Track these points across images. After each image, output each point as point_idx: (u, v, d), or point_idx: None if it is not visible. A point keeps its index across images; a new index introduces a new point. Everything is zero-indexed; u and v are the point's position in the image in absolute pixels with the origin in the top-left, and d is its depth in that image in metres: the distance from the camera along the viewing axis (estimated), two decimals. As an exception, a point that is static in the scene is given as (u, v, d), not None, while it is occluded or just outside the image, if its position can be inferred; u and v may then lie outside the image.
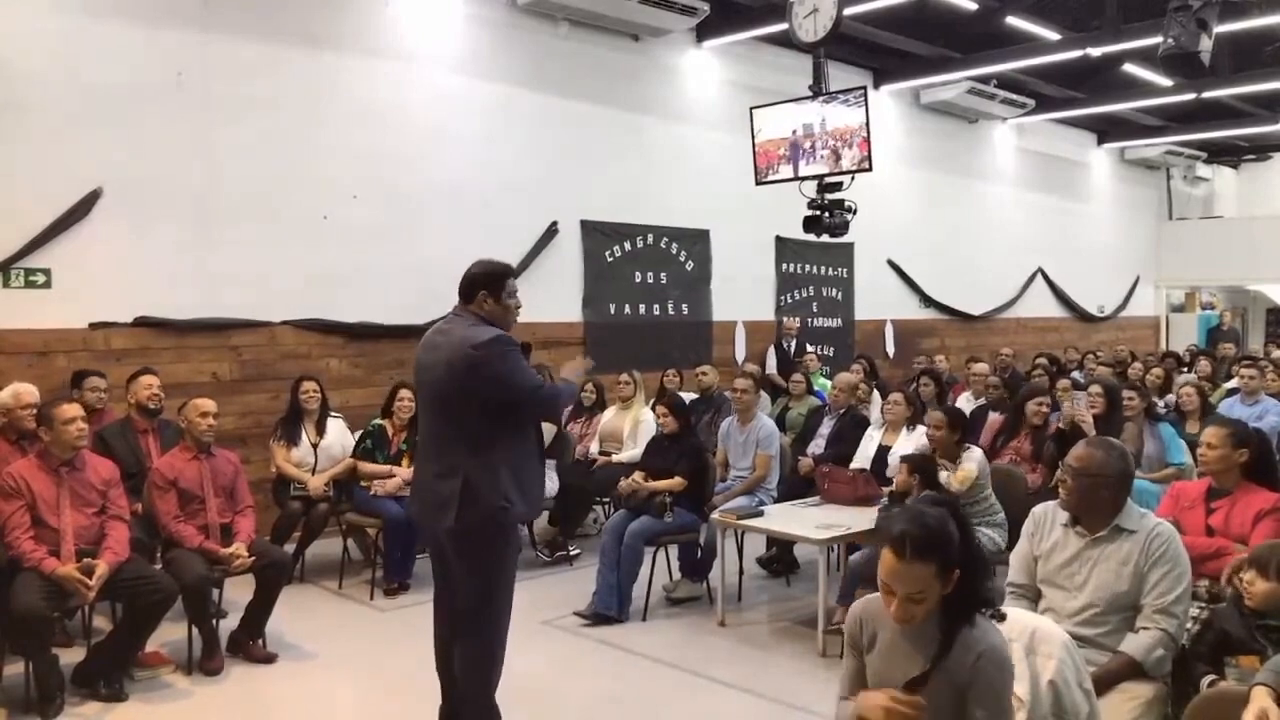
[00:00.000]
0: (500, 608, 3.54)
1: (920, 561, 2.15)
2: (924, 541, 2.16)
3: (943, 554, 2.17)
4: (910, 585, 2.17)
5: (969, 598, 2.22)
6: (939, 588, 2.17)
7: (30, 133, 5.89)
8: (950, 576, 2.18)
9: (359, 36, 7.30)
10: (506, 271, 3.56)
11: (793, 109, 7.17)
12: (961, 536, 2.22)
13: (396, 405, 5.97)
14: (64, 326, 6.08)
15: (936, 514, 2.23)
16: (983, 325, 12.93)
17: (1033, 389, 6.30)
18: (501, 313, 3.51)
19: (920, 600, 2.17)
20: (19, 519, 4.11)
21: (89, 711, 4.08)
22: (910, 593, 2.17)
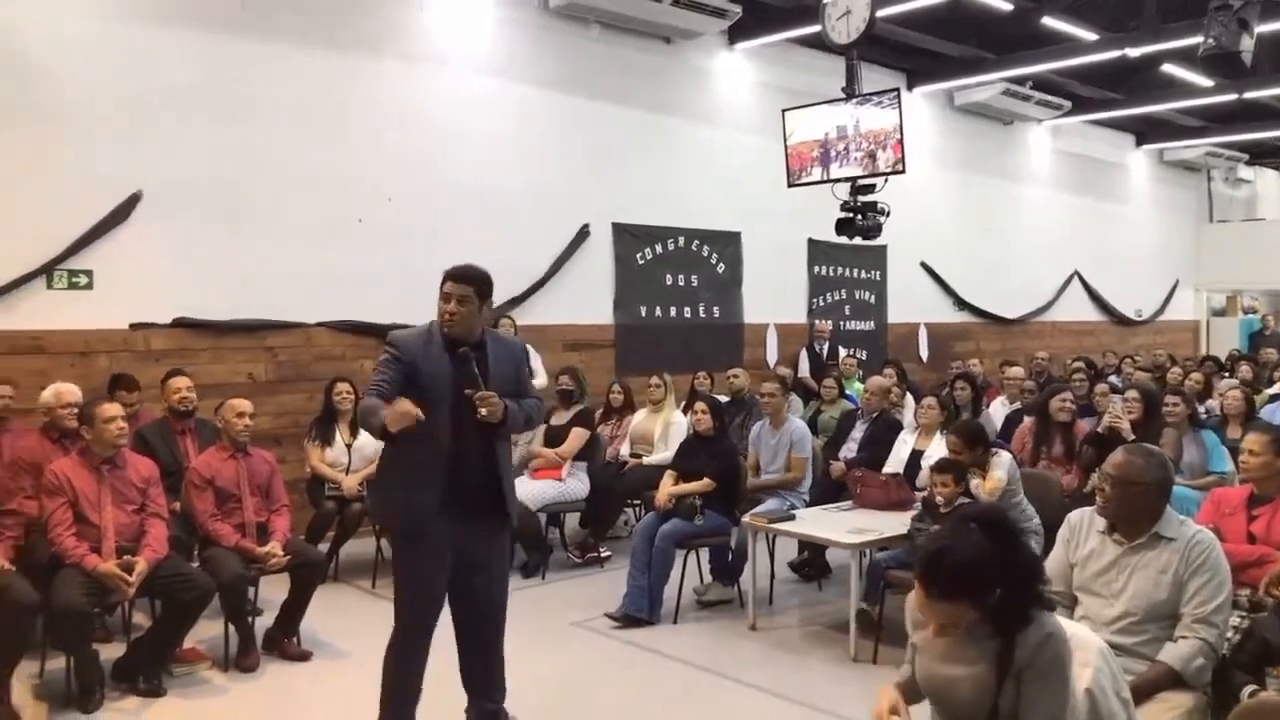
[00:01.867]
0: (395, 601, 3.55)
1: (948, 602, 2.16)
2: (951, 584, 2.16)
3: (973, 592, 2.16)
4: (942, 619, 2.20)
5: (1020, 606, 2.20)
6: (976, 612, 2.17)
7: (73, 137, 6.01)
8: (989, 600, 2.17)
9: (393, 40, 7.37)
10: (445, 273, 3.48)
11: (825, 111, 7.14)
12: (1005, 554, 2.19)
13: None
14: (105, 327, 6.19)
15: (969, 545, 2.17)
16: (1018, 329, 12.79)
17: (1055, 387, 6.23)
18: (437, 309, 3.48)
19: (956, 626, 2.20)
20: (61, 516, 4.19)
21: (128, 706, 4.14)
22: (944, 624, 2.20)
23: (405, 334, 3.52)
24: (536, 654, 4.78)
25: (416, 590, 3.51)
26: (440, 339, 3.44)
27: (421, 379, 3.39)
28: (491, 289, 3.52)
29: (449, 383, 3.39)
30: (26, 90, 5.86)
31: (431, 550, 3.46)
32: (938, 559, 2.17)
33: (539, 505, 6.12)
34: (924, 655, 2.36)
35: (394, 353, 3.43)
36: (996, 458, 4.77)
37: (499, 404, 3.35)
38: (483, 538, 3.56)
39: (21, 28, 5.86)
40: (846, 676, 4.51)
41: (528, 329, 7.92)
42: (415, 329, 3.54)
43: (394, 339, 3.49)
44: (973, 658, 2.24)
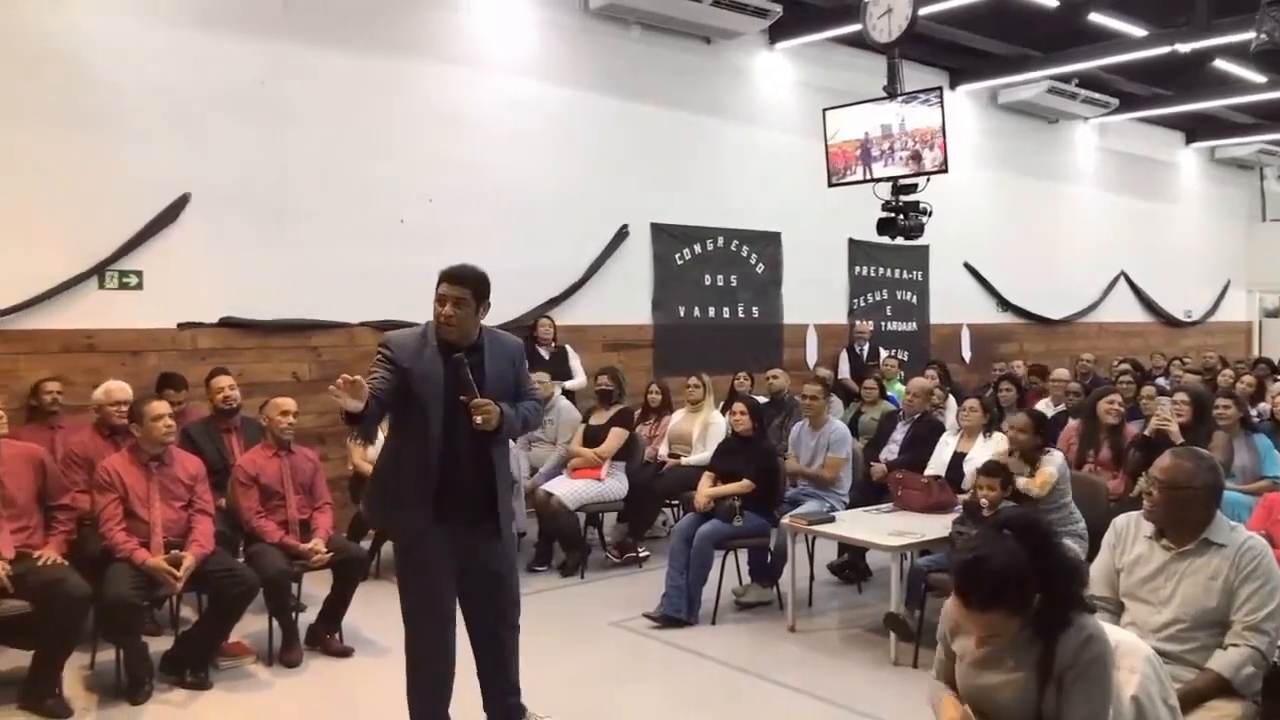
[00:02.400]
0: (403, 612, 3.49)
1: (987, 612, 2.15)
2: (988, 595, 2.14)
3: (1012, 600, 2.14)
4: (982, 629, 2.18)
5: (1061, 609, 2.18)
6: (1016, 621, 2.15)
7: (124, 140, 6.13)
8: (1029, 606, 2.14)
9: (434, 43, 7.44)
10: (440, 275, 3.39)
11: (868, 110, 7.09)
12: (1042, 560, 2.16)
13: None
14: (154, 326, 6.31)
15: (1004, 552, 2.15)
16: (1063, 330, 12.60)
17: (1102, 389, 6.13)
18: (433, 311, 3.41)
19: (999, 634, 2.17)
20: (112, 511, 4.28)
21: (176, 698, 4.22)
22: (984, 635, 2.18)
23: (400, 335, 3.44)
24: (575, 653, 4.81)
25: (420, 604, 3.43)
26: (435, 342, 3.36)
27: (414, 382, 3.31)
28: (489, 289, 3.42)
29: (442, 387, 3.31)
30: (81, 95, 6.00)
31: (431, 559, 3.39)
32: (975, 569, 2.15)
33: (577, 505, 6.14)
34: (963, 663, 2.34)
35: (386, 353, 3.35)
36: (1048, 455, 4.71)
37: (494, 411, 3.28)
38: (480, 542, 3.48)
39: (77, 34, 5.99)
40: (886, 680, 4.48)
41: (567, 329, 7.97)
42: (411, 330, 3.46)
43: (388, 339, 3.41)
44: (1013, 663, 2.22)
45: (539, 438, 6.82)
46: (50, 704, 4.00)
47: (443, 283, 3.36)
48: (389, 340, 3.40)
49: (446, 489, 3.35)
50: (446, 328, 3.35)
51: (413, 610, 3.45)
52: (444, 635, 3.46)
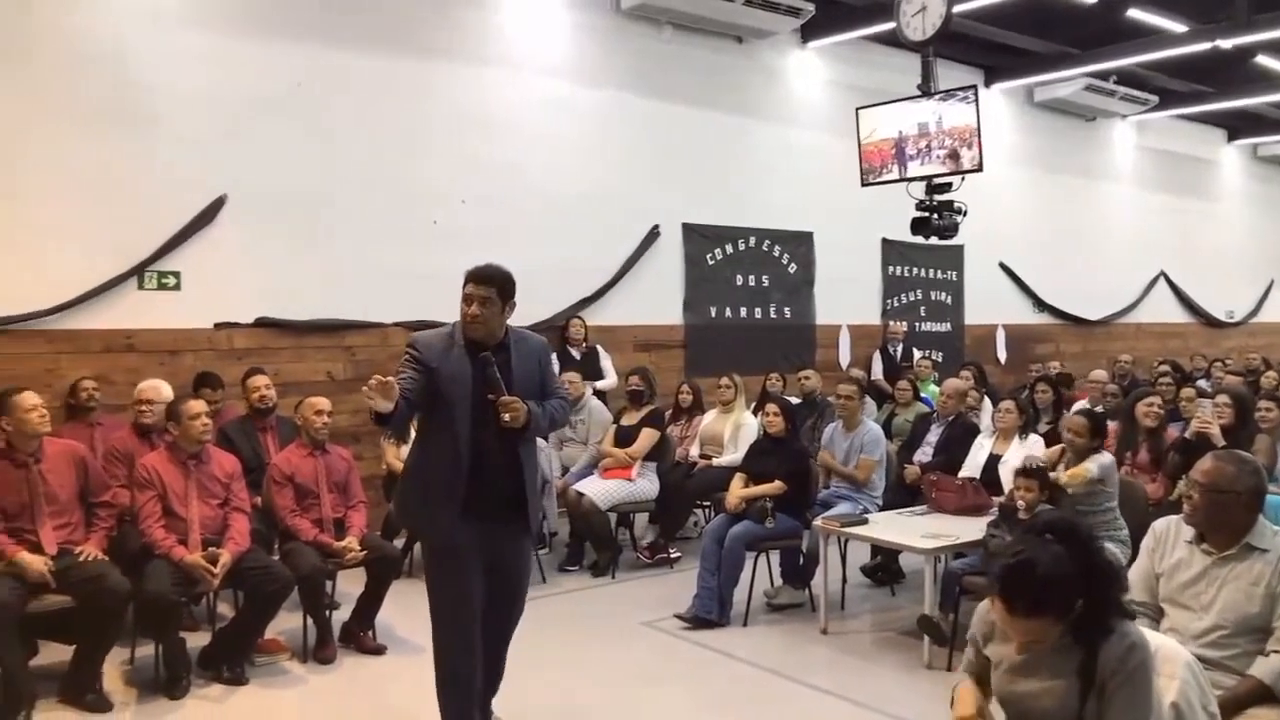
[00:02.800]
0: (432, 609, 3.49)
1: (1030, 618, 2.12)
2: (1034, 601, 2.11)
3: (1056, 606, 2.12)
4: (1024, 635, 2.16)
5: (1101, 615, 2.15)
6: (1059, 627, 2.13)
7: (163, 143, 6.23)
8: (1071, 612, 2.11)
9: (467, 45, 7.49)
10: (466, 274, 3.41)
11: (903, 109, 7.03)
12: (1084, 565, 2.13)
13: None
14: (191, 326, 6.40)
15: (1050, 558, 2.12)
16: (1100, 331, 12.43)
17: (1141, 391, 6.03)
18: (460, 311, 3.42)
19: (1040, 641, 2.15)
20: (151, 508, 4.35)
21: (213, 694, 4.28)
22: (1027, 640, 2.16)
23: (427, 335, 3.46)
24: (606, 653, 4.82)
25: (451, 602, 3.43)
26: (463, 342, 3.38)
27: (441, 382, 3.32)
28: (514, 289, 3.44)
29: (470, 386, 3.33)
30: (122, 99, 6.10)
31: (461, 558, 3.41)
32: (1020, 575, 2.11)
33: (608, 505, 6.15)
34: (1000, 669, 2.31)
35: (414, 354, 3.37)
36: (1097, 456, 4.64)
37: (522, 409, 3.30)
38: (508, 541, 3.51)
39: (119, 39, 6.09)
40: (919, 684, 4.44)
41: (598, 329, 7.99)
42: (438, 330, 3.49)
43: (415, 340, 3.43)
44: (1053, 671, 2.19)
45: (570, 437, 6.83)
46: (91, 698, 4.07)
47: (469, 282, 3.39)
48: (416, 340, 3.42)
49: (475, 487, 3.37)
50: (472, 326, 3.37)
51: (442, 609, 3.46)
52: (472, 634, 3.47)
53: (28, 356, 5.84)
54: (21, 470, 4.18)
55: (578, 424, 6.79)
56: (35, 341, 5.89)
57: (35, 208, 5.85)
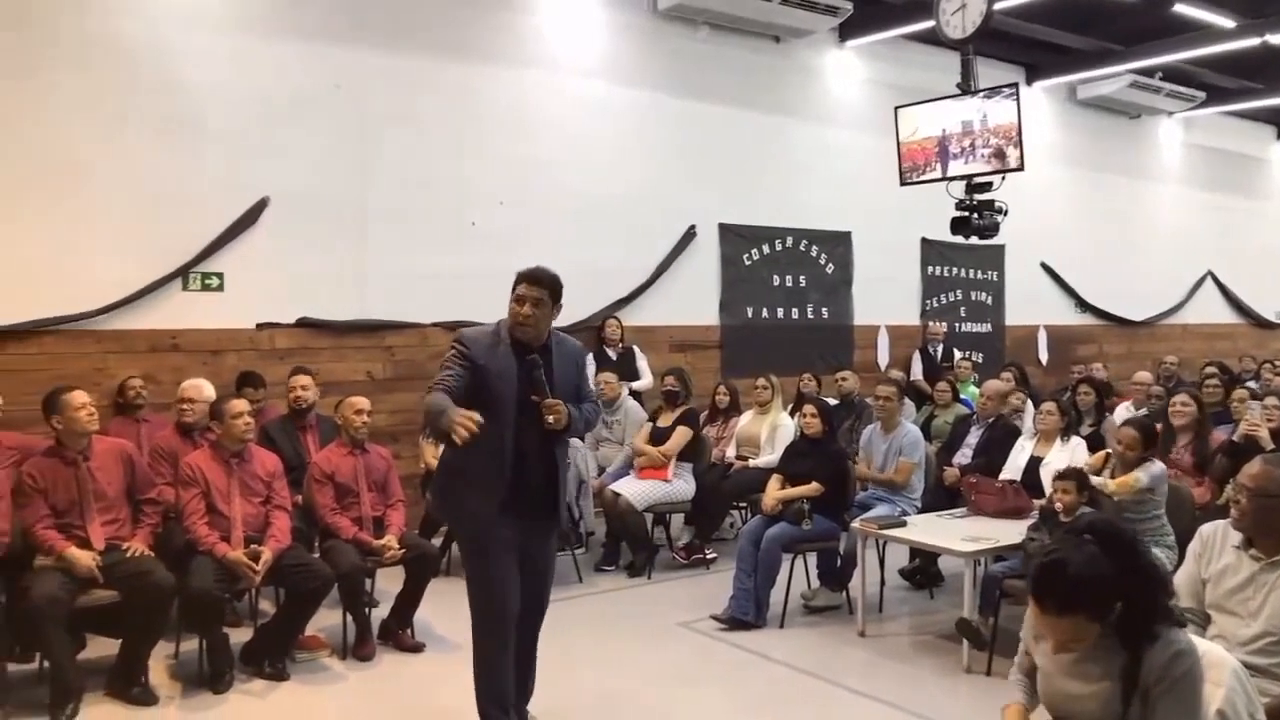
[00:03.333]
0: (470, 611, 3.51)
1: (1064, 615, 2.09)
2: (1067, 598, 2.09)
3: (1091, 605, 2.08)
4: (1060, 634, 2.12)
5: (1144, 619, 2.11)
6: (1095, 627, 2.09)
7: (207, 146, 6.34)
8: (1109, 612, 2.08)
9: (504, 46, 7.53)
10: (519, 275, 3.46)
11: (944, 107, 6.96)
12: (1124, 566, 2.10)
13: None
14: (234, 326, 6.50)
15: (1084, 556, 2.10)
16: (1144, 331, 12.22)
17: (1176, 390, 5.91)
18: (509, 314, 3.46)
19: (1076, 641, 2.12)
20: (195, 505, 4.42)
21: (255, 688, 4.34)
22: (1062, 640, 2.12)
23: (475, 333, 3.49)
24: (643, 653, 4.82)
25: (491, 595, 3.47)
26: (509, 340, 3.43)
27: (489, 380, 3.36)
28: (562, 292, 3.51)
29: (515, 385, 3.38)
30: (166, 103, 6.21)
31: (499, 553, 3.45)
32: (1051, 573, 2.10)
33: (645, 505, 6.15)
34: (1046, 673, 2.28)
35: (463, 350, 3.39)
36: (1147, 464, 4.54)
37: (564, 411, 3.36)
38: (540, 537, 3.58)
39: (165, 43, 6.20)
40: (958, 687, 4.40)
41: (634, 330, 7.99)
42: (484, 328, 3.52)
43: (464, 337, 3.46)
44: (1098, 674, 2.16)
45: (606, 437, 6.85)
46: (137, 691, 4.15)
47: (522, 283, 3.44)
48: (464, 337, 3.44)
49: (514, 484, 3.42)
50: (523, 327, 3.42)
51: (482, 602, 3.49)
52: (510, 627, 3.51)
53: (77, 356, 5.97)
54: (71, 467, 4.27)
55: (613, 424, 6.81)
56: (85, 341, 6.02)
57: (84, 211, 5.97)
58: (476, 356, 3.38)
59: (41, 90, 5.85)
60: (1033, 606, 2.15)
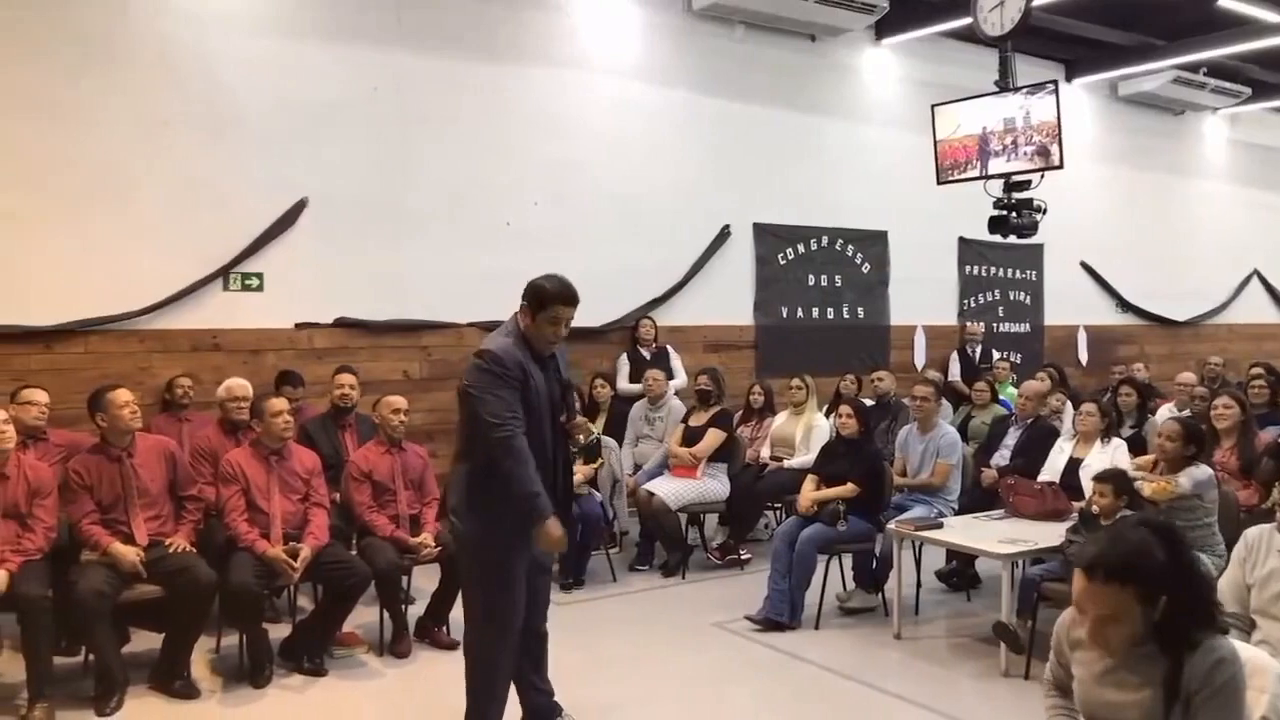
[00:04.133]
0: (476, 623, 3.47)
1: (1111, 584, 2.04)
2: (1117, 563, 2.04)
3: (1141, 577, 2.04)
4: (1101, 606, 2.06)
5: (1187, 622, 2.07)
6: (1138, 613, 2.04)
7: (247, 148, 6.42)
8: (1155, 603, 2.04)
9: (540, 47, 7.56)
10: (556, 295, 3.37)
11: (982, 105, 6.88)
12: (1173, 560, 2.07)
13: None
14: (273, 326, 6.58)
15: (1137, 536, 2.09)
16: (1188, 332, 12.01)
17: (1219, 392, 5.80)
18: (533, 330, 3.39)
19: (1115, 622, 2.05)
20: (236, 502, 4.49)
21: (294, 684, 4.39)
22: (1102, 614, 2.06)
23: (505, 349, 3.33)
24: (678, 654, 4.82)
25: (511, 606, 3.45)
26: (529, 350, 3.39)
27: (528, 396, 3.33)
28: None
29: (549, 398, 3.43)
30: (208, 106, 6.31)
31: (523, 565, 3.46)
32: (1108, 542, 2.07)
33: (679, 505, 6.15)
34: (1084, 682, 2.24)
35: (504, 372, 3.28)
36: (1194, 468, 4.41)
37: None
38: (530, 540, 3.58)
39: (207, 48, 6.30)
40: (996, 691, 4.35)
41: (668, 330, 7.99)
42: (503, 341, 3.38)
43: (501, 358, 3.29)
44: (1138, 682, 2.13)
45: (647, 434, 6.84)
46: (179, 685, 4.22)
47: (565, 306, 3.40)
48: (504, 359, 3.30)
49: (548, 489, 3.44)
50: (551, 345, 3.46)
51: (502, 609, 3.44)
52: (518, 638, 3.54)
53: (122, 355, 6.08)
54: (115, 464, 4.35)
55: (656, 421, 6.81)
56: (129, 341, 6.13)
57: (129, 213, 6.08)
58: (518, 373, 3.32)
59: (87, 95, 5.96)
60: (1076, 581, 2.10)
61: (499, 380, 3.28)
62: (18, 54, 5.76)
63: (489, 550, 3.37)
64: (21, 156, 5.80)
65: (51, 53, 5.85)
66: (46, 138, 5.85)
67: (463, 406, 3.40)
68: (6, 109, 5.74)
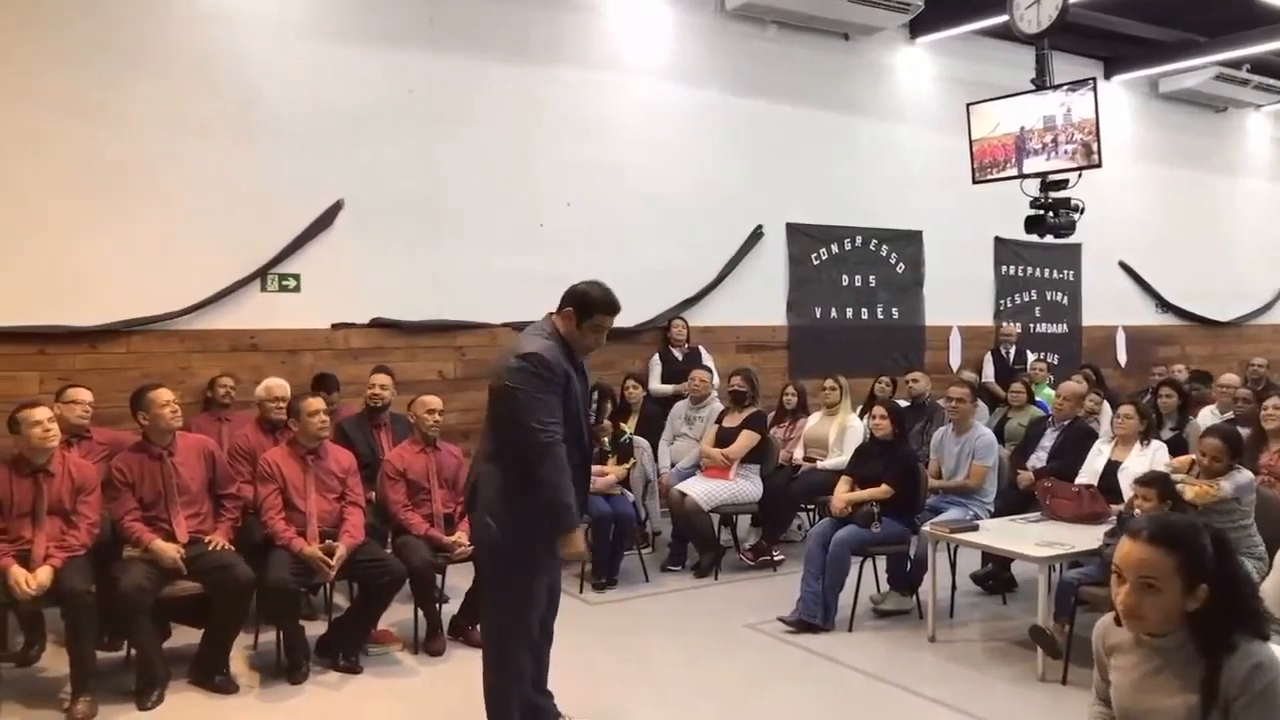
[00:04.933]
0: (498, 623, 3.48)
1: (1157, 546, 2.02)
2: (1164, 528, 2.04)
3: (1186, 549, 2.02)
4: (1142, 569, 2.02)
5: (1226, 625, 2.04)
6: (1178, 587, 2.01)
7: (284, 151, 6.50)
8: (1196, 587, 2.01)
9: (572, 49, 7.59)
10: (602, 304, 3.40)
11: (1019, 103, 6.81)
12: (1220, 555, 2.05)
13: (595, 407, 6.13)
14: (310, 327, 6.66)
15: (1189, 520, 2.09)
16: (1231, 332, 11.80)
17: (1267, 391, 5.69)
18: (577, 337, 3.40)
19: (1154, 590, 2.02)
20: (273, 501, 4.55)
21: (330, 680, 4.44)
22: (1142, 576, 2.02)
23: (551, 352, 3.31)
24: (711, 655, 4.81)
25: (533, 607, 3.48)
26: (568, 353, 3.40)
27: (570, 401, 3.35)
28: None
29: (584, 401, 3.49)
30: (245, 109, 6.39)
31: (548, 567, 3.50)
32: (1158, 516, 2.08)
33: (711, 506, 6.14)
34: (1121, 686, 2.21)
35: (551, 377, 3.27)
36: (1235, 473, 4.35)
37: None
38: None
39: (244, 51, 6.39)
40: (1032, 696, 4.30)
41: (700, 330, 7.99)
42: (547, 344, 3.34)
43: (549, 362, 3.27)
44: (1175, 686, 2.10)
45: (685, 433, 6.83)
46: (219, 680, 4.28)
47: (609, 315, 3.44)
48: (551, 363, 3.29)
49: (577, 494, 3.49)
50: (589, 351, 3.51)
51: (524, 608, 3.46)
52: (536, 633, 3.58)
53: (163, 355, 6.19)
54: (156, 462, 4.42)
55: (695, 420, 6.80)
56: (170, 341, 6.23)
57: (168, 216, 6.18)
58: (562, 377, 3.33)
59: (127, 99, 6.06)
60: (1122, 545, 2.08)
61: (545, 384, 3.27)
62: (62, 59, 5.88)
63: (518, 550, 3.37)
64: (66, 160, 5.92)
65: (94, 57, 5.96)
66: (90, 141, 5.97)
67: (497, 405, 3.37)
68: (51, 113, 5.86)
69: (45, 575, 3.97)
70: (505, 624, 3.47)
